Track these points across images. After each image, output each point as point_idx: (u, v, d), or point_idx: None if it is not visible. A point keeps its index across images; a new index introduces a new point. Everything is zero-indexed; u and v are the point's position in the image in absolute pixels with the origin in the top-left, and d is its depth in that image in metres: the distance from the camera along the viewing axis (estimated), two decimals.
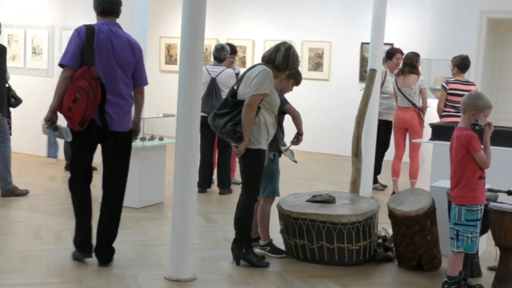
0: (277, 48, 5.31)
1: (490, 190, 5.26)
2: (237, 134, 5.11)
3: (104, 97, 4.93)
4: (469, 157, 4.80)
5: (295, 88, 5.90)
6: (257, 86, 5.09)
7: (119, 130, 5.15)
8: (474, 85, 8.29)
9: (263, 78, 5.12)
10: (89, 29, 5.03)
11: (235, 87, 5.31)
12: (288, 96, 5.88)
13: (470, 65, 8.45)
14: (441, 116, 8.32)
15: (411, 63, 8.63)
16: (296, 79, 5.80)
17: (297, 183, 8.95)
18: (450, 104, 8.15)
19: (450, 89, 8.12)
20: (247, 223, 5.40)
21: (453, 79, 8.28)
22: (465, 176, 4.84)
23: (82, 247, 5.25)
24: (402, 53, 9.12)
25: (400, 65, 8.76)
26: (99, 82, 4.89)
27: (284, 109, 5.76)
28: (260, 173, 5.36)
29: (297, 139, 5.86)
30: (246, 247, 5.39)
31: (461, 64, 8.27)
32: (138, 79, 5.31)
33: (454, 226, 4.89)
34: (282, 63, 5.26)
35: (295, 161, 5.87)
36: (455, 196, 4.88)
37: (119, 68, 5.10)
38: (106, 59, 5.03)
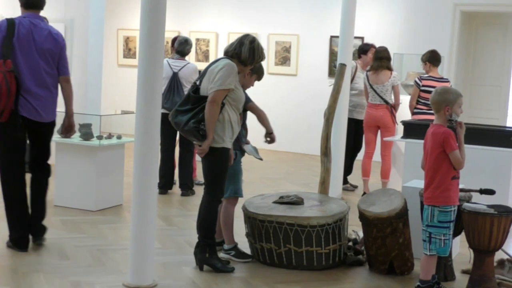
0: (240, 42, 5.30)
1: (461, 190, 5.32)
2: (201, 132, 5.10)
3: (18, 89, 5.34)
4: (444, 156, 4.84)
5: (261, 83, 5.91)
6: (221, 81, 5.09)
7: (42, 121, 5.60)
8: (448, 81, 8.39)
9: (228, 72, 5.12)
10: (10, 22, 5.45)
11: (197, 82, 5.31)
12: (253, 92, 5.89)
13: (441, 58, 8.55)
14: (413, 113, 8.41)
15: (387, 57, 8.71)
16: (258, 74, 5.79)
17: (263, 183, 8.97)
18: (422, 101, 8.24)
19: (423, 85, 8.21)
20: (211, 226, 5.38)
21: (426, 75, 8.37)
22: (438, 176, 4.88)
23: (18, 242, 5.59)
24: (374, 47, 9.20)
25: (373, 61, 8.78)
26: (13, 75, 5.29)
27: (247, 107, 5.77)
28: (224, 173, 5.35)
29: (270, 138, 5.89)
30: (209, 251, 5.37)
31: (432, 57, 8.37)
32: (61, 68, 5.71)
33: (426, 228, 4.93)
34: (249, 57, 5.26)
35: (261, 159, 5.88)
36: (427, 197, 4.93)
37: (41, 60, 5.52)
38: (27, 51, 5.47)
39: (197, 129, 5.10)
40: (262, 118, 5.84)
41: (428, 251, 4.94)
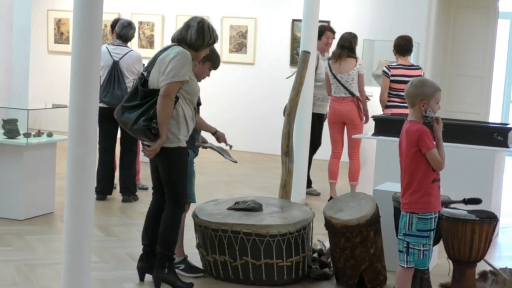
0: (187, 24, 5.29)
1: (443, 202, 5.32)
2: (153, 131, 5.06)
3: None
4: (420, 156, 4.80)
5: (212, 73, 5.88)
6: (174, 72, 5.06)
7: None
8: (419, 69, 8.49)
9: (181, 62, 5.09)
10: None
11: (145, 74, 5.26)
12: (203, 82, 5.84)
13: (411, 47, 8.64)
14: (385, 107, 8.47)
15: (349, 46, 8.75)
16: (213, 62, 5.70)
17: (216, 187, 8.96)
18: (394, 93, 8.33)
19: (393, 75, 8.29)
20: (174, 238, 5.36)
21: (395, 64, 8.46)
22: (416, 179, 4.84)
23: None
24: (332, 31, 9.24)
25: (335, 48, 8.85)
26: None
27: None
28: (184, 175, 5.35)
29: (217, 137, 5.90)
30: (169, 267, 5.34)
31: (400, 46, 8.47)
32: None
33: (404, 238, 4.90)
34: (197, 39, 5.21)
35: (235, 161, 5.94)
36: (405, 203, 4.89)
37: None
38: None
39: (149, 128, 5.05)
40: (197, 122, 5.78)
41: (405, 263, 4.91)
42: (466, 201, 5.43)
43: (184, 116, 5.22)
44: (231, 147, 5.98)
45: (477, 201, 5.42)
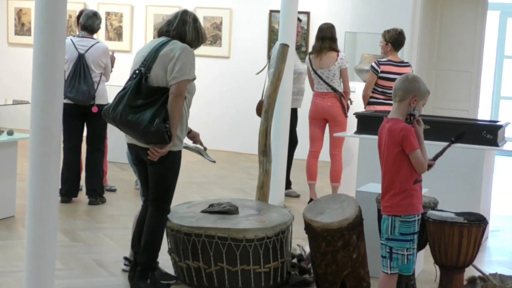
0: (182, 20, 5.27)
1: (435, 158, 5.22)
2: (168, 133, 5.02)
3: None
4: (403, 156, 4.82)
5: None
6: (185, 70, 5.07)
7: None
8: (409, 66, 8.49)
9: (190, 59, 5.13)
10: None
11: (142, 70, 5.16)
12: None
13: (404, 43, 8.67)
14: (367, 103, 8.47)
15: (331, 36, 8.76)
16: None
17: (189, 189, 8.97)
18: (380, 89, 8.33)
19: (382, 71, 8.28)
20: (158, 246, 5.36)
21: (385, 60, 8.45)
22: (398, 180, 4.86)
23: None
24: (299, 19, 9.24)
25: (315, 42, 8.86)
26: None
27: None
28: (176, 181, 5.38)
29: (191, 136, 5.90)
30: (152, 277, 5.35)
31: (396, 40, 8.45)
32: None
33: (386, 242, 4.93)
34: (194, 38, 5.27)
35: (214, 161, 5.95)
36: (386, 205, 4.92)
37: None
38: None
39: (167, 130, 5.01)
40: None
41: (388, 269, 4.93)
42: (454, 140, 5.31)
43: (186, 117, 5.27)
44: (205, 149, 5.96)
45: (461, 133, 5.37)
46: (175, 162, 5.28)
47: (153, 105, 5.06)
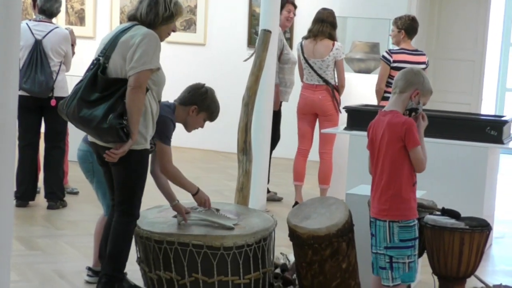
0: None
1: (421, 206, 5.36)
2: (125, 130, 4.96)
3: None
4: (405, 154, 4.85)
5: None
6: (146, 58, 4.98)
7: None
8: (424, 54, 8.54)
9: (152, 46, 5.03)
10: None
11: (101, 59, 5.10)
12: None
13: (417, 29, 8.69)
14: (382, 98, 8.45)
15: (332, 22, 8.76)
16: (209, 113, 5.80)
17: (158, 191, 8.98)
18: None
19: (395, 61, 8.30)
20: (125, 255, 5.35)
21: (397, 48, 8.48)
22: (398, 180, 4.89)
23: None
24: (294, 4, 9.26)
25: (312, 24, 8.87)
26: None
27: None
28: (144, 183, 5.34)
29: None
30: (119, 287, 5.35)
31: (410, 26, 8.48)
32: None
33: (385, 251, 4.94)
34: (148, 13, 5.13)
35: (233, 228, 5.90)
36: (383, 209, 4.92)
37: None
38: None
39: (122, 126, 4.94)
40: (175, 177, 5.83)
41: (390, 281, 4.94)
42: (444, 211, 5.52)
43: (152, 112, 5.17)
44: (218, 210, 5.86)
45: (455, 214, 5.49)
46: (139, 162, 5.21)
47: (109, 99, 4.99)
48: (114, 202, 5.39)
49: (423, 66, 8.13)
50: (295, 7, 9.33)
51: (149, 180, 5.54)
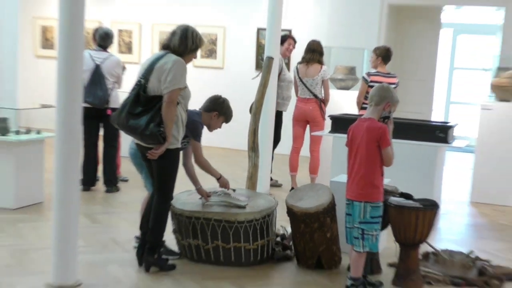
0: (173, 32, 5.23)
1: (385, 191, 5.36)
2: (162, 135, 4.99)
3: None
4: (378, 151, 4.89)
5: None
6: (176, 80, 5.00)
7: None
8: (395, 77, 8.51)
9: (180, 70, 5.04)
10: None
11: (142, 81, 5.11)
12: None
13: (391, 56, 8.69)
14: (360, 108, 8.47)
15: (320, 51, 8.80)
16: (226, 116, 5.85)
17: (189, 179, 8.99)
18: None
19: (372, 81, 8.27)
20: (163, 228, 5.35)
21: (374, 71, 8.47)
22: (372, 172, 4.92)
23: None
24: (294, 39, 9.28)
25: (305, 53, 8.87)
26: None
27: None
28: (176, 173, 5.33)
29: None
30: (158, 253, 5.37)
31: (386, 55, 8.47)
32: None
33: (359, 225, 4.95)
34: (180, 45, 5.15)
35: (244, 206, 5.86)
36: (360, 193, 4.93)
37: None
38: None
39: (160, 132, 4.98)
40: (203, 165, 5.86)
41: (361, 248, 4.96)
42: (401, 195, 5.54)
43: (182, 119, 5.20)
44: (234, 190, 5.96)
45: (409, 196, 5.53)
46: (173, 158, 5.22)
47: (149, 111, 5.01)
48: (154, 188, 5.41)
49: (394, 86, 8.10)
50: (295, 41, 9.33)
51: (181, 171, 5.56)
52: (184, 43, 5.18)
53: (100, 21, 12.84)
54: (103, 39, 8.22)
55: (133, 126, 5.03)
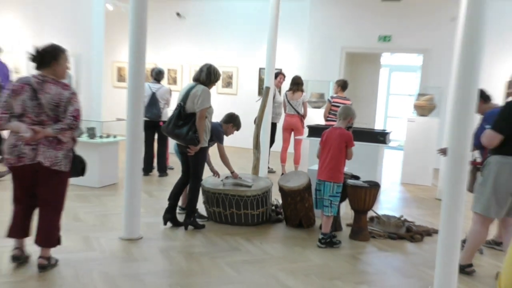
0: (200, 69, 5.21)
1: (345, 174, 5.35)
2: (197, 139, 5.00)
3: None
4: (345, 150, 4.92)
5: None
6: (204, 102, 5.00)
7: None
8: (349, 100, 8.53)
9: (206, 95, 5.03)
10: None
11: (182, 104, 5.08)
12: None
13: (347, 86, 8.67)
14: (326, 120, 8.51)
15: (301, 83, 8.82)
16: (235, 125, 5.83)
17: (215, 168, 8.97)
18: (333, 112, 8.34)
19: (334, 102, 8.34)
20: (196, 200, 5.31)
21: (336, 95, 8.50)
22: (339, 162, 4.92)
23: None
24: (284, 75, 9.28)
25: (291, 85, 8.83)
26: None
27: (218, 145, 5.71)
28: (204, 163, 5.30)
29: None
30: (194, 216, 5.33)
31: (344, 85, 8.52)
32: None
33: (329, 198, 4.95)
34: (206, 79, 5.16)
35: (250, 186, 5.72)
36: (331, 176, 4.92)
37: None
38: None
39: (196, 137, 4.99)
40: (224, 161, 5.76)
41: (329, 213, 4.97)
42: (351, 176, 5.55)
43: (208, 128, 5.18)
44: (240, 178, 5.87)
45: (357, 177, 5.55)
46: (203, 153, 5.18)
47: (188, 123, 5.00)
48: (190, 174, 5.32)
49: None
50: (285, 76, 9.30)
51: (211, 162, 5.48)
52: (209, 78, 5.17)
53: (155, 63, 12.83)
54: (157, 75, 8.19)
55: (178, 133, 5.01)
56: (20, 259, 4.01)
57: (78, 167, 3.95)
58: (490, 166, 4.19)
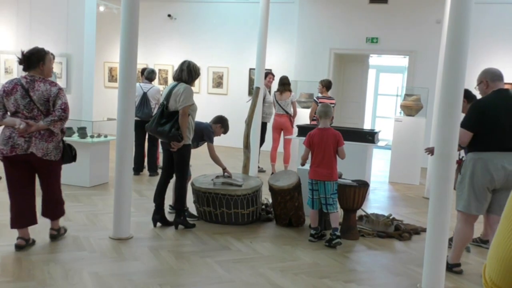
0: (181, 69, 5.15)
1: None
2: (180, 136, 4.97)
3: None
4: (336, 149, 4.92)
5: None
6: (186, 100, 4.97)
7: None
8: (334, 99, 8.57)
9: (189, 93, 5.01)
10: None
11: (165, 102, 5.05)
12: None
13: (331, 86, 8.69)
14: (312, 119, 8.51)
15: (288, 83, 8.79)
16: (223, 127, 5.82)
17: (205, 167, 8.91)
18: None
19: (320, 102, 8.33)
20: (184, 198, 5.27)
21: (321, 95, 8.52)
22: (335, 161, 4.94)
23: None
24: (273, 75, 9.26)
25: (279, 85, 8.82)
26: None
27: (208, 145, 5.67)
28: (189, 160, 5.26)
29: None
30: (183, 215, 5.29)
31: (328, 85, 8.54)
32: None
33: (331, 196, 4.94)
34: (188, 77, 5.13)
35: (240, 185, 5.66)
36: (330, 174, 4.91)
37: None
38: None
39: (178, 134, 4.95)
40: (214, 158, 5.72)
41: (335, 209, 4.96)
42: (340, 176, 5.51)
43: (192, 125, 5.14)
44: (230, 176, 5.84)
45: (340, 175, 5.50)
46: (187, 150, 5.14)
47: (171, 121, 4.98)
48: (174, 172, 5.26)
49: (333, 105, 8.18)
50: (274, 76, 9.28)
51: (199, 161, 5.47)
52: (191, 76, 5.15)
53: (147, 64, 12.74)
54: (149, 74, 8.13)
55: (161, 131, 5.00)
56: (23, 247, 4.35)
57: (69, 154, 4.43)
58: (465, 163, 4.26)
